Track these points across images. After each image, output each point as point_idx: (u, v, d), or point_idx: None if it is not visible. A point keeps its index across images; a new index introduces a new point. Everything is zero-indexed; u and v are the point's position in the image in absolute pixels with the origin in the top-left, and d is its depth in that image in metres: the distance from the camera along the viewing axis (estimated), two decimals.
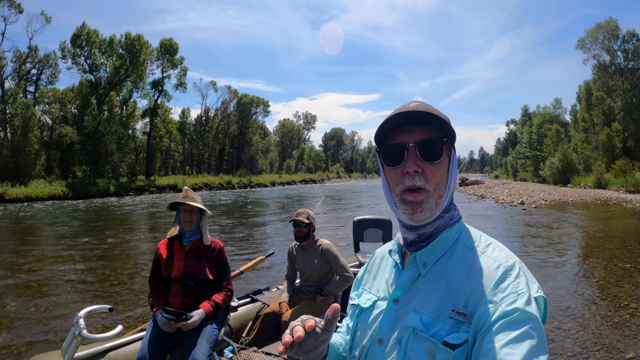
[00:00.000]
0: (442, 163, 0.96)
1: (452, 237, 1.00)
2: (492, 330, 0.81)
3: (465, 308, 0.87)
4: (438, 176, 0.96)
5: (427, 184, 0.94)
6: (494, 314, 0.83)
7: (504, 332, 0.79)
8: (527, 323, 0.80)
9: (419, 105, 0.98)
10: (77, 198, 37.30)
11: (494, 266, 0.91)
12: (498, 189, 39.21)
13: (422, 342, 0.89)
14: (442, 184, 0.96)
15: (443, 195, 0.97)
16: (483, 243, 0.98)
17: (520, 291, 0.85)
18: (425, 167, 0.94)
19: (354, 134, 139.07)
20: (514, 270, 0.90)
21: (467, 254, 0.96)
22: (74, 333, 2.79)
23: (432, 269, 0.97)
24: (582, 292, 7.25)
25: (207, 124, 75.14)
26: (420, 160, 0.94)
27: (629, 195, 29.14)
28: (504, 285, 0.87)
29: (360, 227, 5.64)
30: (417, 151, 0.94)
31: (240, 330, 4.04)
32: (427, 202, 0.95)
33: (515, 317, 0.81)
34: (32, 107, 43.47)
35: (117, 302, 7.02)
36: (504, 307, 0.83)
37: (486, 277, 0.89)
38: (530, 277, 0.91)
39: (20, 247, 12.72)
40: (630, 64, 45.85)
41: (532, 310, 0.83)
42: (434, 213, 0.96)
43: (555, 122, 64.35)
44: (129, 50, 52.34)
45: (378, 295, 1.08)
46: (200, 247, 3.39)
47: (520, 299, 0.84)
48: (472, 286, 0.89)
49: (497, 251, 0.95)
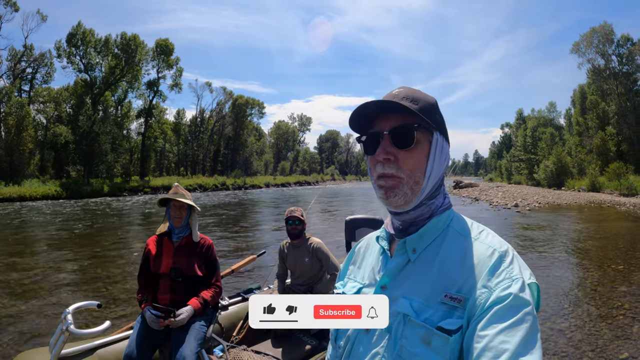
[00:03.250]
0: (416, 149, 0.94)
1: (442, 223, 0.97)
2: (486, 316, 0.80)
3: (459, 293, 0.85)
4: (412, 162, 0.93)
5: (399, 171, 0.93)
6: (489, 299, 0.81)
7: (499, 318, 0.78)
8: (521, 309, 0.79)
9: (401, 91, 0.98)
10: (70, 198, 37.20)
11: (488, 252, 0.88)
12: (492, 192, 39.29)
13: (414, 328, 0.86)
14: (418, 170, 0.94)
15: (420, 182, 0.94)
16: (475, 229, 0.96)
17: (515, 277, 0.83)
18: (398, 154, 0.93)
19: (349, 136, 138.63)
20: (508, 256, 0.88)
21: (459, 240, 0.93)
22: (61, 329, 2.76)
23: (422, 255, 0.95)
24: (575, 293, 7.26)
25: (202, 125, 75.04)
26: (392, 147, 0.93)
27: (622, 199, 29.29)
28: (499, 270, 0.85)
29: (352, 227, 5.59)
30: (390, 138, 0.94)
31: (231, 329, 4.00)
32: (400, 187, 0.93)
33: (510, 302, 0.80)
34: (26, 106, 43.40)
35: (107, 299, 6.98)
36: (498, 292, 0.81)
37: (480, 262, 0.87)
38: (522, 264, 0.89)
39: (11, 245, 12.62)
40: (625, 68, 46.23)
41: (526, 296, 0.81)
42: (410, 200, 0.94)
43: (549, 126, 64.56)
44: (124, 50, 52.27)
45: (363, 282, 1.05)
46: (190, 243, 3.35)
47: (514, 284, 0.82)
48: (466, 271, 0.87)
49: (490, 237, 0.93)
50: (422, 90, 1.00)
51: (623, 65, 46.37)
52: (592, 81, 49.17)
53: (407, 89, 0.99)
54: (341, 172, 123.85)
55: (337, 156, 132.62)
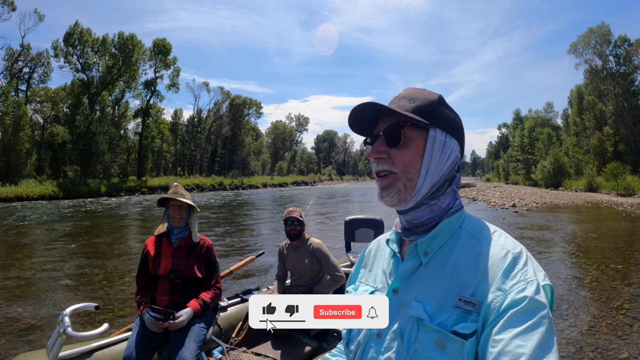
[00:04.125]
0: (408, 147, 0.94)
1: (453, 225, 0.96)
2: (501, 320, 0.79)
3: (473, 297, 0.83)
4: (404, 160, 0.94)
5: (393, 167, 0.95)
6: (504, 302, 0.80)
7: (514, 322, 0.78)
8: (537, 312, 0.78)
9: (403, 92, 1.01)
10: (67, 198, 37.10)
11: (501, 253, 0.87)
12: (490, 192, 39.38)
13: (429, 333, 0.84)
14: (412, 168, 0.94)
15: (414, 180, 0.94)
16: (488, 231, 0.94)
17: (529, 279, 0.82)
18: (390, 152, 0.95)
19: (347, 136, 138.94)
20: (522, 257, 0.87)
21: (472, 242, 0.92)
22: (58, 331, 2.74)
23: (434, 258, 0.93)
24: (575, 293, 7.25)
25: (199, 125, 74.99)
26: (384, 146, 0.96)
27: (619, 199, 29.39)
28: (513, 272, 0.83)
29: (351, 227, 5.57)
30: (383, 138, 0.96)
31: (230, 330, 3.97)
32: (395, 185, 0.95)
33: (525, 306, 0.79)
34: (23, 106, 43.15)
35: (105, 301, 6.94)
36: (514, 295, 0.80)
37: (494, 264, 0.85)
38: (536, 265, 0.88)
39: (8, 246, 12.56)
40: (622, 69, 46.39)
41: (541, 298, 0.80)
42: (405, 198, 0.94)
43: (547, 126, 64.85)
44: (121, 49, 52.07)
45: (375, 286, 1.04)
46: (189, 244, 3.31)
47: (529, 287, 0.81)
48: (480, 274, 0.85)
49: (503, 238, 0.91)
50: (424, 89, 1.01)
51: (620, 65, 46.54)
52: (590, 81, 49.33)
53: (410, 89, 1.01)
54: (338, 172, 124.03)
55: (335, 156, 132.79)
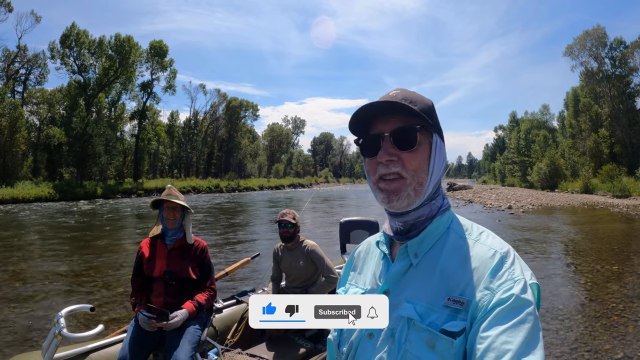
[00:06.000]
0: (419, 150, 0.94)
1: (443, 226, 0.97)
2: (488, 317, 0.80)
3: (462, 296, 0.85)
4: (415, 163, 0.93)
5: (403, 170, 0.92)
6: (491, 301, 0.81)
7: (501, 319, 0.79)
8: (523, 310, 0.80)
9: (398, 93, 0.97)
10: (63, 200, 36.98)
11: (489, 253, 0.88)
12: (486, 194, 39.45)
13: (419, 332, 0.85)
14: (422, 171, 0.94)
15: (423, 183, 0.94)
16: (475, 231, 0.96)
17: (516, 278, 0.83)
18: (402, 155, 0.93)
19: (343, 138, 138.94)
20: (509, 257, 0.88)
21: (460, 243, 0.93)
22: (54, 332, 2.75)
23: (424, 259, 0.94)
24: (570, 293, 7.28)
25: (195, 127, 74.93)
26: (395, 149, 0.93)
27: (615, 200, 29.48)
28: (500, 272, 0.85)
29: (346, 229, 5.58)
30: (392, 140, 0.93)
31: (225, 332, 3.97)
32: (404, 190, 0.93)
33: (512, 303, 0.80)
34: (19, 107, 43.13)
35: (101, 303, 6.93)
36: (501, 294, 0.81)
37: (482, 264, 0.87)
38: (523, 265, 0.89)
39: (4, 247, 12.49)
40: (618, 71, 46.58)
41: (528, 297, 0.82)
42: (413, 201, 0.94)
43: (543, 128, 64.95)
44: (118, 51, 52.02)
45: (365, 288, 1.04)
46: (183, 245, 3.32)
47: (516, 285, 0.82)
48: (468, 274, 0.87)
49: (490, 238, 0.93)
50: (416, 91, 1.00)
51: (616, 68, 46.73)
52: (585, 84, 49.54)
53: (404, 90, 0.99)
54: (335, 175, 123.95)
55: (331, 158, 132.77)
